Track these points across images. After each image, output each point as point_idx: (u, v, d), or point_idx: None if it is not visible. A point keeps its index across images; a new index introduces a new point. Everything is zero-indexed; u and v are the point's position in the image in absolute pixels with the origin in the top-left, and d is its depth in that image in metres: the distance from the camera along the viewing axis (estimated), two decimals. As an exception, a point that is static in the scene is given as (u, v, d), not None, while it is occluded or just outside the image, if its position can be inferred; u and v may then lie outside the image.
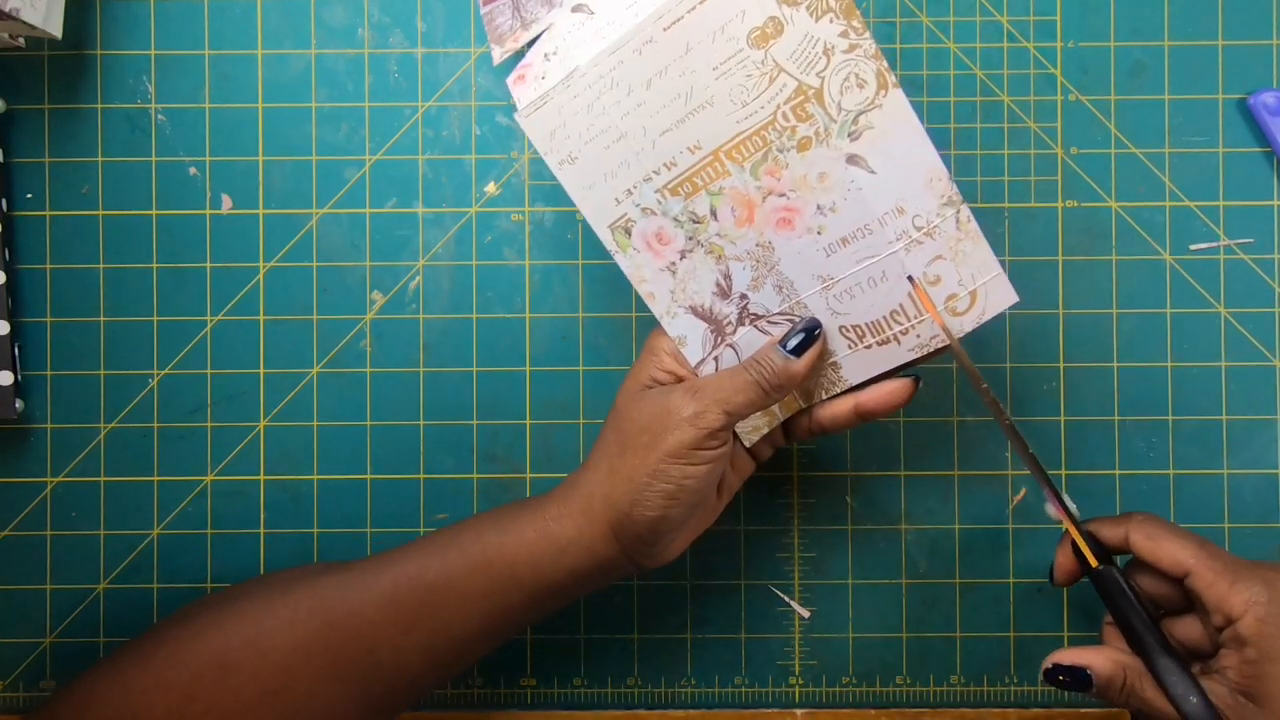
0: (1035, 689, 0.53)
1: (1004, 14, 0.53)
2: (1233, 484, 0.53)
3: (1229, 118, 0.53)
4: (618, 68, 0.43)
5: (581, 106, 0.44)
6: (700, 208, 0.45)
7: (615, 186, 0.45)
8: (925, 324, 0.45)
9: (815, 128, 0.43)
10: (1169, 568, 0.44)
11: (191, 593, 0.53)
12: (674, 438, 0.43)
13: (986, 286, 0.44)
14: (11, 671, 0.53)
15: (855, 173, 0.43)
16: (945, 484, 0.54)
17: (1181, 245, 0.53)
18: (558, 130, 0.45)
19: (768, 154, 0.44)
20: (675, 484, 0.43)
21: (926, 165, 0.43)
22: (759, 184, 0.44)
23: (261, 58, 0.53)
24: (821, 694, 0.54)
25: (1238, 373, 0.53)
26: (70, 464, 0.53)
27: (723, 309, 0.46)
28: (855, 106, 0.43)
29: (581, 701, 0.54)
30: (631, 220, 0.46)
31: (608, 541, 0.44)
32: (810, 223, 0.44)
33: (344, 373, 0.53)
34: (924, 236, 0.44)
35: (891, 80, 0.42)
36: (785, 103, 0.43)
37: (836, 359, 0.46)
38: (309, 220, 0.53)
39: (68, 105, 0.53)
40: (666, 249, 0.46)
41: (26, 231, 0.53)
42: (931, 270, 0.44)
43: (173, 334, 0.53)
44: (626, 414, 0.45)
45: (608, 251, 0.46)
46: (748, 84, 0.43)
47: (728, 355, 0.47)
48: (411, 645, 0.44)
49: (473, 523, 0.46)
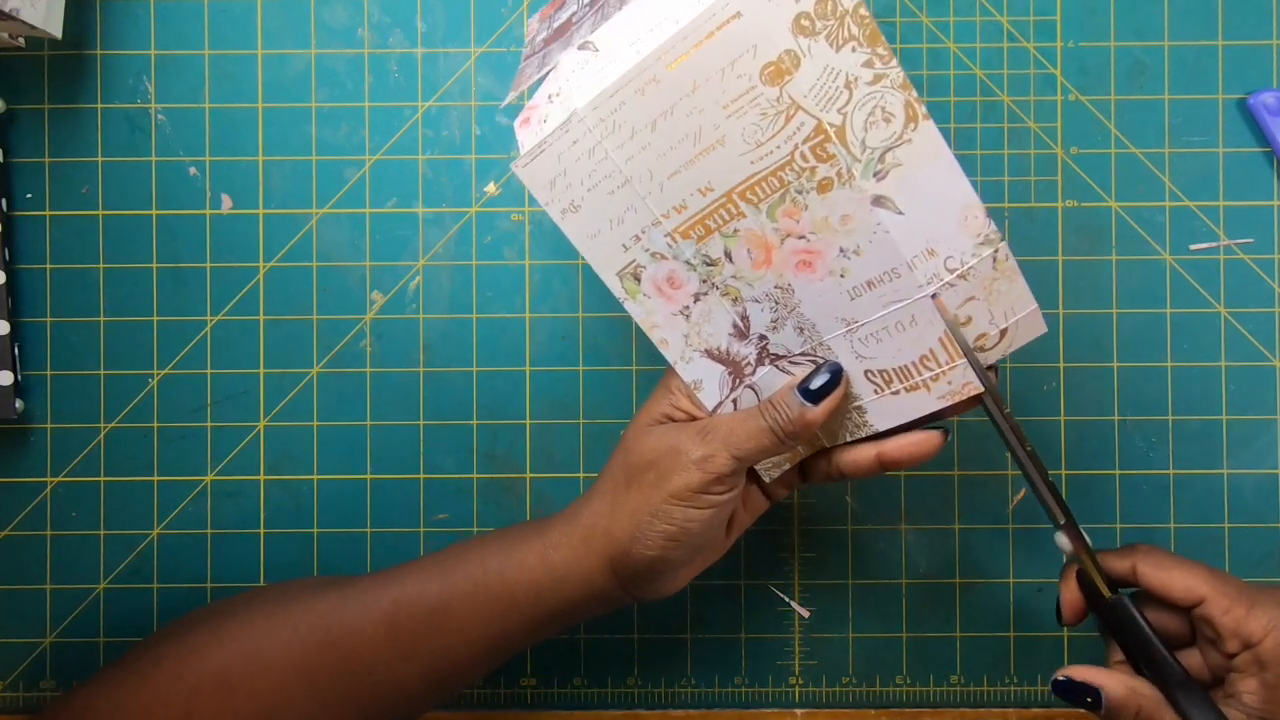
0: (1035, 689, 0.53)
1: (1004, 14, 0.53)
2: (1233, 484, 0.53)
3: (1229, 118, 0.53)
4: (619, 110, 0.40)
5: (582, 152, 0.41)
6: (714, 250, 0.42)
7: (622, 233, 0.42)
8: (958, 370, 0.42)
9: (837, 168, 0.40)
10: (1181, 596, 0.43)
11: (191, 593, 0.53)
12: (680, 480, 0.42)
13: (1018, 322, 0.41)
14: (11, 671, 0.53)
15: (881, 215, 0.40)
16: (945, 484, 0.54)
17: (1181, 245, 0.53)
18: (557, 179, 0.42)
19: (785, 195, 0.41)
20: (678, 526, 0.42)
21: (961, 202, 0.40)
22: (776, 226, 0.41)
23: (261, 58, 0.53)
24: (821, 694, 0.54)
25: (1238, 373, 0.53)
26: (70, 464, 0.53)
27: (740, 350, 0.44)
28: (881, 144, 0.39)
29: (581, 701, 0.54)
30: (641, 266, 0.43)
31: (605, 575, 0.43)
32: (832, 266, 0.41)
33: (344, 373, 0.53)
34: (957, 280, 0.41)
35: (922, 112, 0.39)
36: (804, 142, 0.39)
37: (862, 403, 0.44)
38: (309, 220, 0.53)
39: (68, 105, 0.53)
40: (679, 293, 0.43)
41: (26, 231, 0.53)
42: (963, 312, 0.41)
43: (173, 334, 0.53)
44: (635, 448, 0.43)
45: (616, 300, 0.44)
46: (762, 123, 0.39)
47: (747, 397, 0.45)
48: (410, 667, 0.44)
49: (476, 544, 0.46)
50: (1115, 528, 0.53)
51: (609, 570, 0.43)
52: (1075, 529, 0.44)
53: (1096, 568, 0.44)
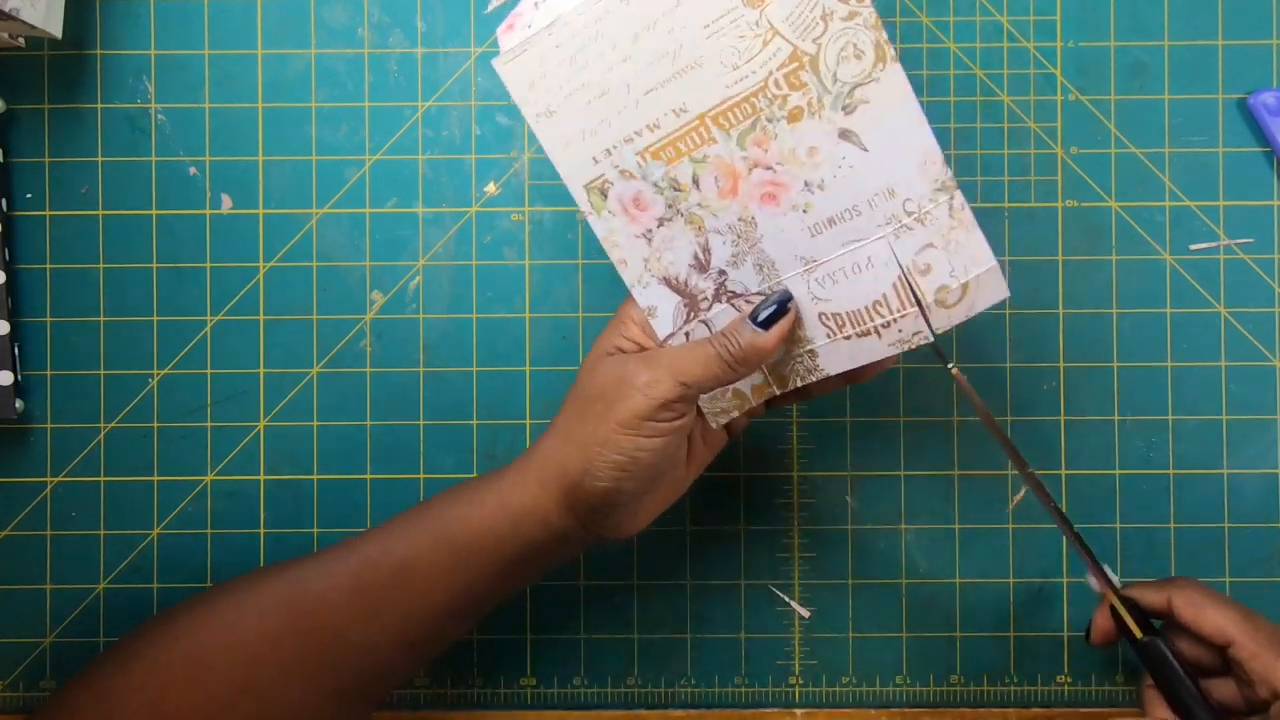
0: (1035, 689, 0.53)
1: (1004, 14, 0.53)
2: (1233, 484, 0.53)
3: (1229, 118, 0.53)
4: (604, 18, 0.41)
5: (564, 57, 0.42)
6: (682, 175, 0.43)
7: (594, 145, 0.43)
8: (909, 319, 0.42)
9: (808, 97, 0.41)
10: (1211, 636, 0.44)
11: (191, 593, 0.53)
12: (626, 407, 0.41)
13: (979, 279, 0.42)
14: (11, 671, 0.53)
15: (847, 149, 0.41)
16: (945, 484, 0.54)
17: (1181, 245, 0.53)
18: (537, 81, 0.42)
19: (756, 123, 0.41)
20: (627, 455, 0.41)
21: (922, 146, 0.41)
22: (745, 154, 0.42)
23: (261, 58, 0.53)
24: (821, 694, 0.54)
25: (1238, 373, 0.53)
26: (70, 464, 0.53)
27: (699, 283, 0.44)
28: (851, 78, 0.40)
29: (581, 701, 0.54)
30: (609, 182, 0.44)
31: (562, 511, 0.43)
32: (796, 199, 0.42)
33: (344, 373, 0.53)
34: (914, 222, 0.41)
35: (890, 54, 0.40)
36: (778, 69, 0.40)
37: (814, 346, 0.44)
38: (309, 220, 0.53)
39: (68, 105, 0.53)
40: (644, 215, 0.44)
41: (26, 231, 0.53)
42: (921, 259, 0.42)
43: (173, 334, 0.53)
44: (586, 380, 0.43)
45: (580, 211, 0.44)
46: (740, 45, 0.40)
47: (699, 332, 0.45)
48: (380, 627, 0.43)
49: (435, 500, 0.45)
50: (1115, 528, 0.53)
51: (565, 507, 0.43)
52: (1101, 573, 0.46)
53: (1128, 610, 0.46)
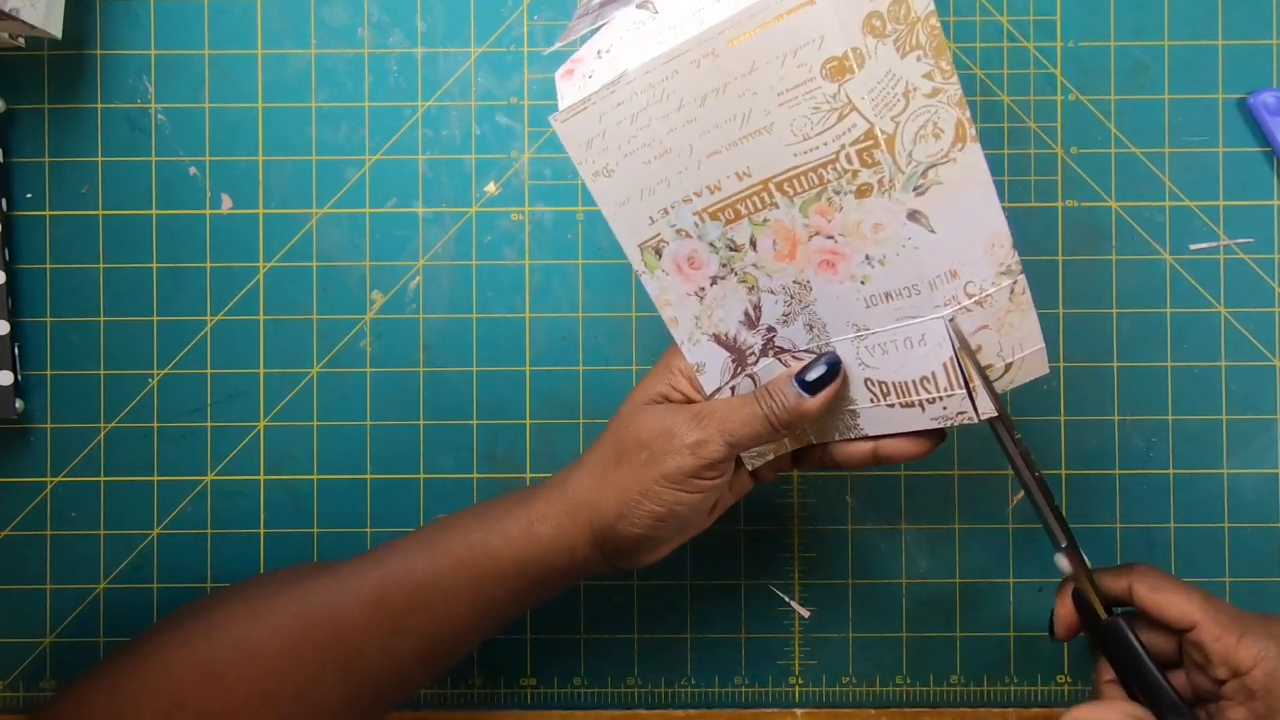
0: (1035, 689, 0.53)
1: (1004, 14, 0.53)
2: (1233, 484, 0.53)
3: (1229, 118, 0.53)
4: (671, 78, 0.39)
5: (625, 116, 0.40)
6: (740, 236, 0.42)
7: (651, 205, 0.42)
8: (955, 399, 0.42)
9: (879, 175, 0.39)
10: (1174, 620, 0.43)
11: (191, 593, 0.53)
12: (672, 463, 0.42)
13: (1024, 358, 0.41)
14: (11, 671, 0.53)
15: (914, 230, 0.40)
16: (945, 484, 0.54)
17: (1181, 245, 0.53)
18: (595, 140, 0.41)
19: (822, 193, 0.40)
20: (666, 507, 0.42)
21: (991, 229, 0.40)
22: (807, 222, 0.41)
23: (261, 58, 0.53)
24: (821, 694, 0.54)
25: (1238, 373, 0.53)
26: (70, 464, 0.53)
27: (747, 338, 0.44)
28: (927, 159, 0.39)
29: (581, 701, 0.54)
30: (664, 241, 0.43)
31: (589, 547, 0.44)
32: (855, 271, 0.41)
33: (344, 373, 0.53)
34: (974, 305, 0.40)
35: (971, 133, 0.38)
36: (852, 144, 0.39)
37: (856, 407, 0.44)
38: (309, 220, 0.53)
39: (68, 105, 0.53)
40: (697, 274, 0.43)
41: (26, 231, 0.53)
42: (974, 339, 0.41)
43: (173, 334, 0.53)
44: (629, 425, 0.44)
45: (635, 272, 0.44)
46: (814, 117, 0.39)
47: (745, 385, 0.44)
48: (399, 644, 0.44)
49: (459, 519, 0.46)
50: (1115, 528, 0.53)
51: (593, 543, 0.44)
52: (1076, 551, 0.44)
53: (1095, 590, 0.44)
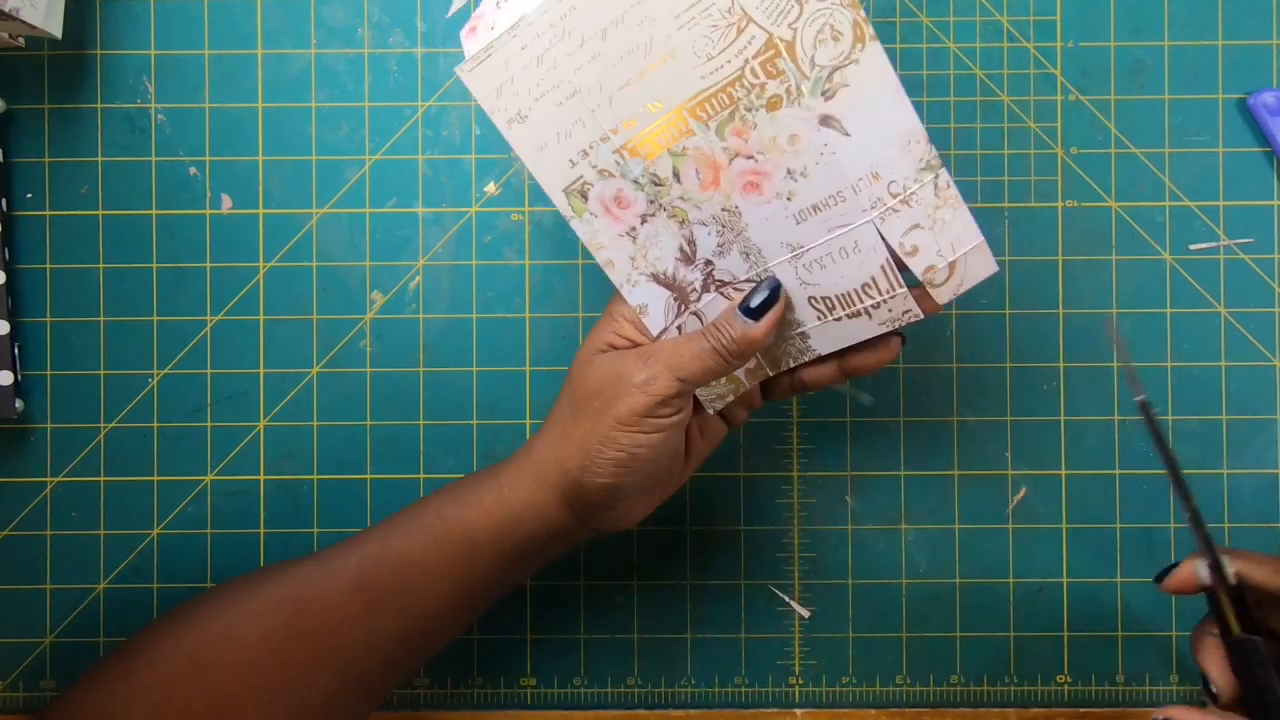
0: (1035, 689, 0.53)
1: (1004, 14, 0.53)
2: (1233, 484, 0.53)
3: (1229, 118, 0.53)
4: (569, 15, 0.40)
5: (530, 59, 0.41)
6: (662, 169, 0.42)
7: (569, 147, 0.42)
8: (898, 299, 0.42)
9: (786, 85, 0.40)
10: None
11: (191, 593, 0.53)
12: (625, 404, 0.42)
13: (966, 257, 0.41)
14: (11, 671, 0.53)
15: (829, 135, 0.40)
16: (945, 484, 0.54)
17: (1181, 245, 0.53)
18: (504, 86, 0.41)
19: (735, 113, 0.41)
20: (626, 451, 0.42)
21: (904, 126, 0.40)
22: (725, 145, 0.41)
23: (261, 58, 0.53)
24: (821, 694, 0.54)
25: (1238, 373, 0.53)
26: (70, 464, 0.53)
27: (687, 275, 0.44)
28: (829, 62, 0.39)
29: (581, 701, 0.54)
30: (588, 183, 0.43)
31: (561, 507, 0.44)
32: (780, 188, 0.42)
33: (344, 373, 0.53)
34: (900, 204, 0.41)
35: (869, 32, 0.39)
36: (754, 57, 0.39)
37: (805, 329, 0.44)
38: (309, 220, 0.53)
39: (68, 105, 0.53)
40: (626, 213, 0.43)
41: (26, 231, 0.53)
42: (908, 240, 0.41)
43: (173, 334, 0.53)
44: (580, 378, 0.44)
45: (562, 217, 0.43)
46: (713, 35, 0.39)
47: (691, 323, 0.44)
48: (381, 626, 0.44)
49: (434, 497, 0.46)
50: (1115, 528, 0.53)
51: (564, 503, 0.44)
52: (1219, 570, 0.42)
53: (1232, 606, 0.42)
